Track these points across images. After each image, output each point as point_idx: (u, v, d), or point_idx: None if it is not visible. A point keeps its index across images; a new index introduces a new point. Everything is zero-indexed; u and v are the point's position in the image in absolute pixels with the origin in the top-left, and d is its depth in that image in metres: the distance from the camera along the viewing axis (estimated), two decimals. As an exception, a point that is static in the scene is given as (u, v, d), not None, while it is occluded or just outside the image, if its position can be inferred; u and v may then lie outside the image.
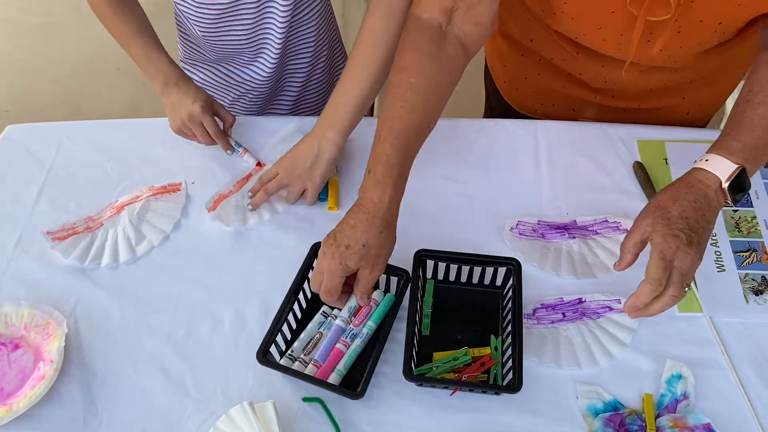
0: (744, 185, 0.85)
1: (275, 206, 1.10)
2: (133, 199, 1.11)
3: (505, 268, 0.96)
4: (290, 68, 1.33)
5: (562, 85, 1.21)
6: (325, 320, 0.95)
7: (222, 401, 0.89)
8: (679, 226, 0.82)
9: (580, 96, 1.21)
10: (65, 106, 2.58)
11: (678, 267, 0.80)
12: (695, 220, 0.83)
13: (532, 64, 1.21)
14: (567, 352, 0.93)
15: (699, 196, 0.84)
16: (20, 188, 1.14)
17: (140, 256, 1.04)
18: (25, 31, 2.92)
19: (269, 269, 1.02)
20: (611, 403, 0.88)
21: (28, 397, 0.87)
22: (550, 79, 1.21)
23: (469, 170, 1.15)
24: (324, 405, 0.87)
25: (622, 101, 1.20)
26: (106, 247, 1.05)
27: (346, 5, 2.95)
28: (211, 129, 1.11)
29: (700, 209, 0.83)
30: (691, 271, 0.81)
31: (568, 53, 1.12)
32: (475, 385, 0.88)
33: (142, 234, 1.07)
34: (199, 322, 0.97)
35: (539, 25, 1.11)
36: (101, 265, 1.03)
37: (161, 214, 1.09)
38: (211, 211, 1.09)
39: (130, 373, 0.92)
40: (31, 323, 0.95)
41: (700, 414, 0.87)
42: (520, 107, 1.32)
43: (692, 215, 0.83)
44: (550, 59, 1.17)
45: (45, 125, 1.25)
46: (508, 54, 1.26)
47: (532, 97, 1.28)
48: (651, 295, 0.80)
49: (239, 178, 1.15)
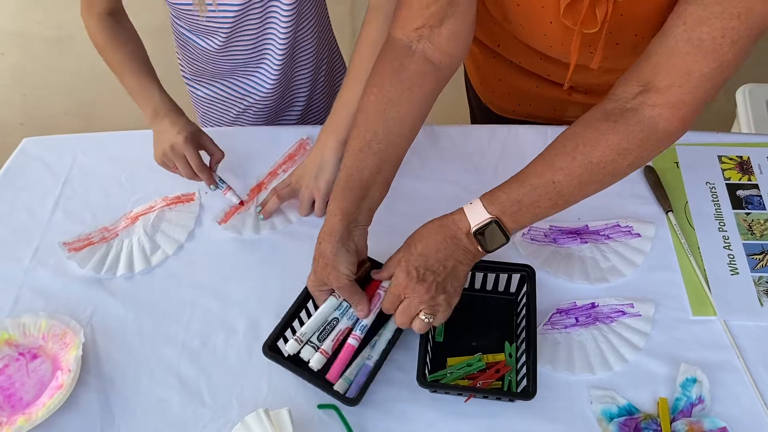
0: (494, 238, 0.84)
1: (288, 216, 1.12)
2: (147, 209, 1.12)
3: (519, 275, 0.96)
4: (295, 80, 1.34)
5: (536, 84, 1.21)
6: (340, 305, 0.92)
7: (237, 409, 0.89)
8: (415, 264, 0.85)
9: (555, 95, 1.21)
10: (79, 118, 2.61)
11: (407, 301, 0.85)
12: (435, 260, 0.85)
13: (504, 67, 1.22)
14: (581, 358, 0.93)
15: (447, 237, 0.86)
16: (36, 201, 1.15)
17: (155, 265, 1.06)
18: (38, 44, 2.96)
19: (283, 277, 1.03)
20: (626, 407, 0.88)
21: (46, 407, 0.88)
22: (523, 80, 1.21)
23: (481, 176, 1.15)
24: (339, 411, 0.88)
25: (597, 97, 1.20)
26: (122, 257, 1.06)
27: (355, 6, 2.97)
28: (193, 161, 1.08)
29: (444, 249, 0.85)
30: (428, 305, 0.84)
31: (533, 57, 1.12)
32: (489, 392, 0.88)
33: (156, 244, 1.08)
34: (214, 331, 0.98)
35: (503, 31, 1.10)
36: (117, 275, 1.04)
37: (175, 224, 1.10)
38: (222, 223, 1.10)
39: (146, 382, 0.93)
40: (48, 333, 0.96)
41: (716, 418, 0.86)
42: (499, 109, 1.32)
43: (433, 255, 0.85)
44: (518, 63, 1.18)
45: (60, 138, 1.27)
46: (480, 56, 1.26)
47: (509, 99, 1.28)
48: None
49: (252, 186, 1.16)
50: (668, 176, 1.13)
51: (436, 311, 0.86)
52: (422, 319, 0.85)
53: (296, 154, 1.20)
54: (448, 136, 1.21)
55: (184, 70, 1.36)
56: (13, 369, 0.94)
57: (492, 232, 0.84)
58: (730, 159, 1.15)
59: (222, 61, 1.26)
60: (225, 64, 1.27)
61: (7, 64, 2.89)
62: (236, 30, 1.18)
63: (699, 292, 0.99)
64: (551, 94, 1.21)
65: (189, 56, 1.30)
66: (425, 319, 0.85)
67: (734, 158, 1.15)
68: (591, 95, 1.19)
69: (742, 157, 1.16)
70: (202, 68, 1.30)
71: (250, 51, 1.24)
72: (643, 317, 0.96)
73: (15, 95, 2.76)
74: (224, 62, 1.26)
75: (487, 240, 0.84)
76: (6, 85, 2.79)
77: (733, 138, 1.19)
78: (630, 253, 1.03)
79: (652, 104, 0.81)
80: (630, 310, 0.97)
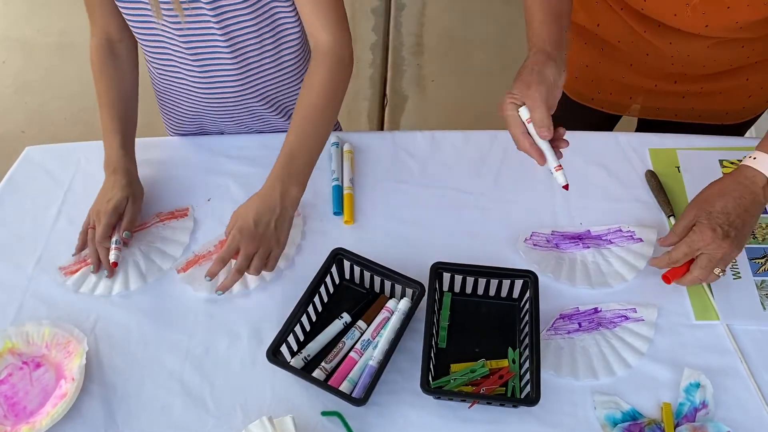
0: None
1: (263, 274, 1.02)
2: (141, 226, 1.12)
3: (522, 281, 0.97)
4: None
5: (623, 74, 1.24)
6: (348, 330, 0.96)
7: (241, 417, 0.89)
8: (718, 221, 0.92)
9: (639, 84, 1.24)
10: (80, 124, 2.62)
11: (708, 254, 0.92)
12: (736, 215, 0.92)
13: (595, 52, 1.24)
14: (584, 363, 0.93)
15: (744, 193, 0.93)
16: (40, 208, 1.16)
17: (151, 283, 1.05)
18: (39, 50, 2.97)
19: (286, 284, 1.03)
20: (629, 412, 0.88)
21: (50, 415, 0.88)
22: (610, 67, 1.23)
23: (483, 182, 1.15)
24: (342, 418, 0.88)
25: (683, 85, 1.21)
26: (118, 276, 1.05)
27: (355, 13, 2.98)
28: (98, 232, 1.04)
29: (743, 205, 0.93)
30: (723, 260, 0.92)
31: (636, 33, 1.14)
32: (493, 398, 0.88)
33: (151, 260, 1.07)
34: (217, 339, 0.98)
35: (607, 7, 1.14)
36: (112, 294, 1.03)
37: (170, 241, 1.10)
38: (181, 272, 1.05)
39: (149, 390, 0.93)
40: (52, 342, 0.96)
41: (720, 423, 0.86)
42: (577, 95, 1.34)
43: (733, 211, 0.92)
44: (616, 43, 1.19)
45: (62, 146, 1.27)
46: (570, 42, 1.27)
47: (591, 86, 1.30)
48: (666, 266, 0.96)
49: (221, 239, 1.08)
50: (670, 181, 1.13)
51: (728, 265, 0.95)
52: (716, 273, 0.93)
53: None
54: (449, 141, 1.22)
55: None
56: (17, 378, 0.94)
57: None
58: (731, 163, 1.15)
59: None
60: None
61: (8, 71, 2.89)
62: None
63: (702, 296, 0.99)
64: (637, 83, 1.24)
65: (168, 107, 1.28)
66: (720, 274, 0.94)
67: (735, 162, 1.15)
68: (679, 82, 1.21)
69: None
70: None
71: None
72: (646, 322, 0.96)
73: (17, 103, 2.76)
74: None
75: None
76: (7, 93, 2.79)
77: (734, 142, 1.20)
78: (632, 257, 1.03)
79: None
80: (633, 314, 0.97)
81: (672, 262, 0.95)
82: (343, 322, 0.97)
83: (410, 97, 2.72)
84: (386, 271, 0.97)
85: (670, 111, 1.29)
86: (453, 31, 2.98)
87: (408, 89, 2.75)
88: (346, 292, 1.02)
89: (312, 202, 1.13)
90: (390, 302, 0.97)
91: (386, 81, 2.78)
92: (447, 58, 2.87)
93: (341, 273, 1.02)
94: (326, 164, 1.18)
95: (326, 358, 0.93)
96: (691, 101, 1.24)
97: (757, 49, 1.11)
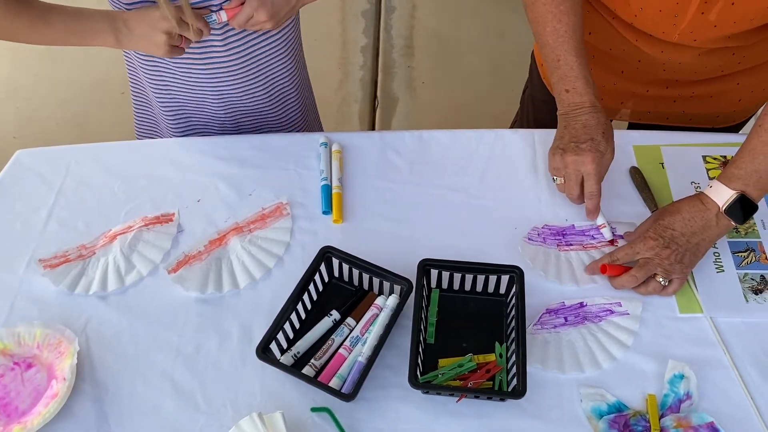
0: (749, 207, 0.96)
1: (253, 273, 1.05)
2: (126, 228, 1.12)
3: (509, 276, 0.98)
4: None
5: (614, 80, 1.25)
6: (337, 328, 0.97)
7: (231, 413, 0.90)
8: (662, 233, 0.98)
9: (630, 89, 1.26)
10: (71, 128, 2.62)
11: (647, 258, 0.98)
12: (681, 234, 0.97)
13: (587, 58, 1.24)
14: (570, 357, 0.94)
15: (696, 216, 0.98)
16: (30, 211, 1.16)
17: (129, 285, 1.05)
18: (30, 55, 2.96)
19: (275, 283, 1.04)
20: (615, 404, 0.89)
21: (42, 415, 0.89)
22: (602, 73, 1.25)
23: (469, 180, 1.17)
24: (332, 414, 0.89)
25: (674, 90, 1.23)
26: (96, 276, 1.05)
27: (345, 16, 2.99)
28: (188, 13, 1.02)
29: (691, 227, 0.98)
30: (664, 269, 0.97)
31: (628, 42, 1.15)
32: (480, 392, 0.89)
33: (132, 264, 1.07)
34: (208, 337, 0.98)
35: (599, 16, 1.16)
36: (89, 293, 1.03)
37: (152, 245, 1.10)
38: (172, 272, 1.05)
39: (141, 389, 0.94)
40: (43, 342, 0.97)
41: (704, 413, 0.88)
42: None
43: (679, 229, 0.98)
44: (608, 50, 1.21)
45: (53, 149, 1.27)
46: None
47: None
48: (631, 282, 0.99)
49: (211, 239, 1.09)
50: (654, 177, 1.15)
51: (671, 277, 0.97)
52: (659, 281, 0.97)
53: (270, 216, 1.12)
54: (436, 141, 1.23)
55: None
56: (9, 378, 0.95)
57: (740, 205, 0.95)
58: (714, 159, 1.17)
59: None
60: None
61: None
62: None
63: (686, 289, 1.00)
64: (628, 89, 1.25)
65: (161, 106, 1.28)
66: (662, 282, 0.97)
67: (718, 158, 1.17)
68: (671, 88, 1.23)
69: (726, 156, 1.17)
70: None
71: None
72: (631, 315, 0.97)
73: (8, 108, 2.76)
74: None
75: (736, 213, 0.96)
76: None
77: (718, 138, 1.21)
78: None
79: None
80: (618, 308, 0.98)
81: (612, 260, 1.00)
82: (333, 319, 0.98)
83: (401, 99, 2.73)
84: (374, 269, 0.98)
85: (660, 115, 1.30)
86: (443, 33, 3.00)
87: (398, 91, 2.76)
88: (335, 290, 1.03)
89: (301, 201, 1.14)
90: (378, 299, 0.98)
91: (377, 83, 2.79)
92: (437, 60, 2.89)
93: (330, 271, 1.03)
94: (315, 164, 1.19)
95: (316, 355, 0.94)
96: (681, 105, 1.26)
97: (747, 55, 1.13)
